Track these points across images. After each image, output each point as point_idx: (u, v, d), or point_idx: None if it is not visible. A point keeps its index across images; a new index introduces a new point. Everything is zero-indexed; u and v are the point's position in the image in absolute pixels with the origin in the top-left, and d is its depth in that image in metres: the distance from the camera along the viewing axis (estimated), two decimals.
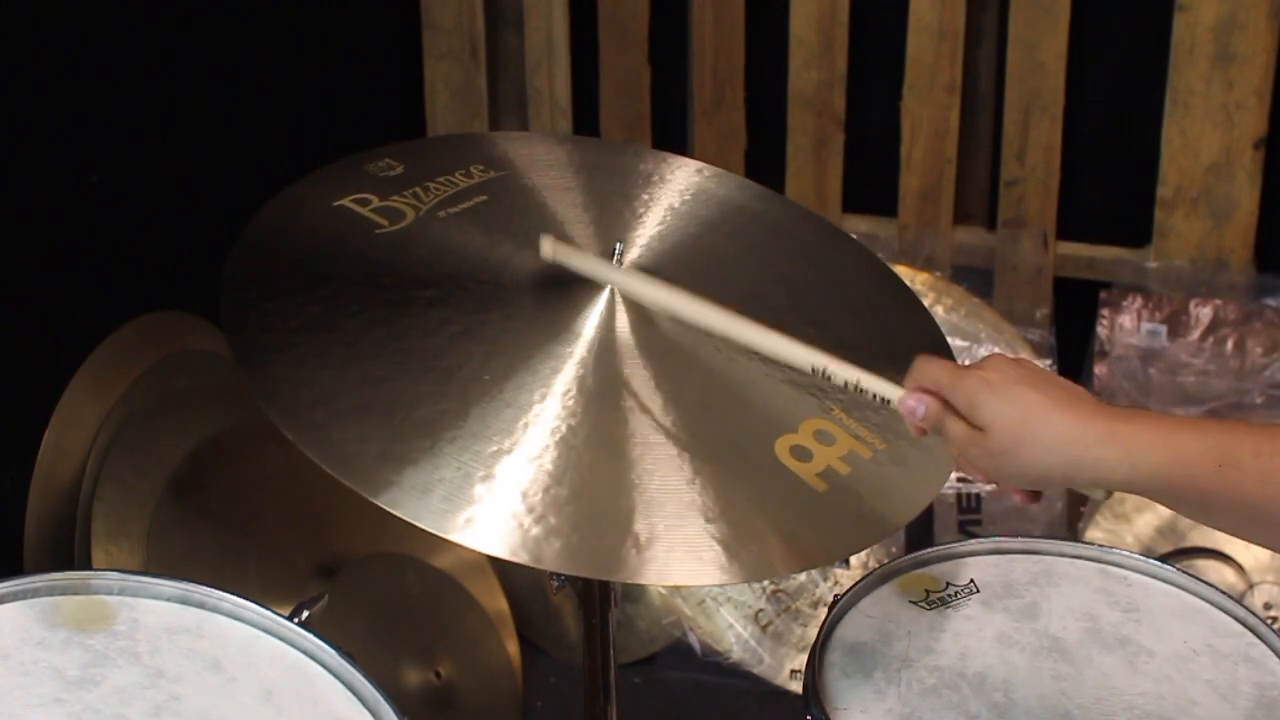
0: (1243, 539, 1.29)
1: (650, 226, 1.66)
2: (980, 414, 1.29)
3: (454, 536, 1.32)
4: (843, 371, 1.38)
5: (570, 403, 1.42)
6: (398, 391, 1.40)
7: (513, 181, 1.68)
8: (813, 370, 1.39)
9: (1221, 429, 1.26)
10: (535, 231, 1.59)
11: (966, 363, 1.36)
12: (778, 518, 1.42)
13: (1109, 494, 1.31)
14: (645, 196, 1.70)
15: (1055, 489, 1.33)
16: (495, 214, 1.62)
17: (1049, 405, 1.28)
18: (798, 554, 1.46)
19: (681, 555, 1.36)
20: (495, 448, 1.37)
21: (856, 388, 1.38)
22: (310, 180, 1.63)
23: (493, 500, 1.34)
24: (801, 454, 1.46)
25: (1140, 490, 1.27)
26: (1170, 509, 1.30)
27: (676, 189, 1.73)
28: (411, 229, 1.57)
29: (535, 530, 1.33)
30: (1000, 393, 1.29)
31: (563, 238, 1.58)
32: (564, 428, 1.40)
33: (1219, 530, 1.30)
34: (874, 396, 1.37)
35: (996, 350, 2.64)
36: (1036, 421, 1.27)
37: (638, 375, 1.46)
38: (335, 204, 1.59)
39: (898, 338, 1.67)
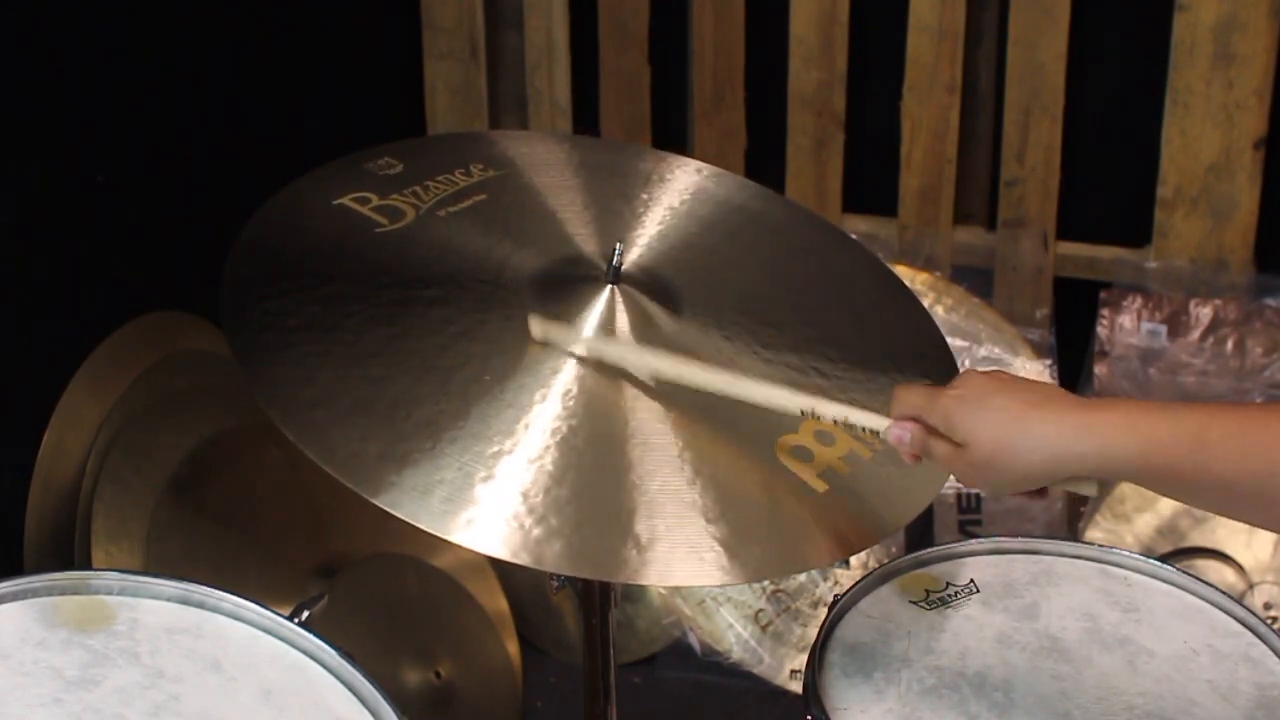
0: (1226, 517, 1.33)
1: (650, 226, 1.66)
2: (957, 431, 1.33)
3: (455, 537, 1.32)
4: (831, 410, 1.41)
5: (570, 403, 1.42)
6: (398, 391, 1.40)
7: (513, 181, 1.68)
8: (801, 413, 1.41)
9: (1193, 412, 1.28)
10: (535, 231, 1.59)
11: (965, 364, 1.37)
12: (778, 518, 1.43)
13: (1105, 490, 1.33)
14: (645, 196, 1.70)
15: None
16: (495, 213, 1.62)
17: (1022, 410, 1.31)
18: (798, 554, 1.47)
19: (682, 556, 1.36)
20: (496, 448, 1.37)
21: (845, 423, 1.40)
22: (310, 179, 1.63)
23: (493, 501, 1.34)
24: (802, 454, 1.46)
25: (1121, 477, 1.31)
26: (1153, 492, 1.33)
27: (676, 189, 1.73)
28: (411, 228, 1.57)
29: (536, 531, 1.33)
30: (974, 407, 1.32)
31: (563, 239, 1.58)
32: (564, 428, 1.40)
33: (1201, 510, 1.33)
34: (864, 430, 1.40)
35: (996, 349, 2.64)
36: (1011, 428, 1.30)
37: (638, 375, 1.46)
38: (335, 202, 1.59)
39: (897, 338, 1.67)
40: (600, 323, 1.49)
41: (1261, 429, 1.25)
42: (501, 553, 1.32)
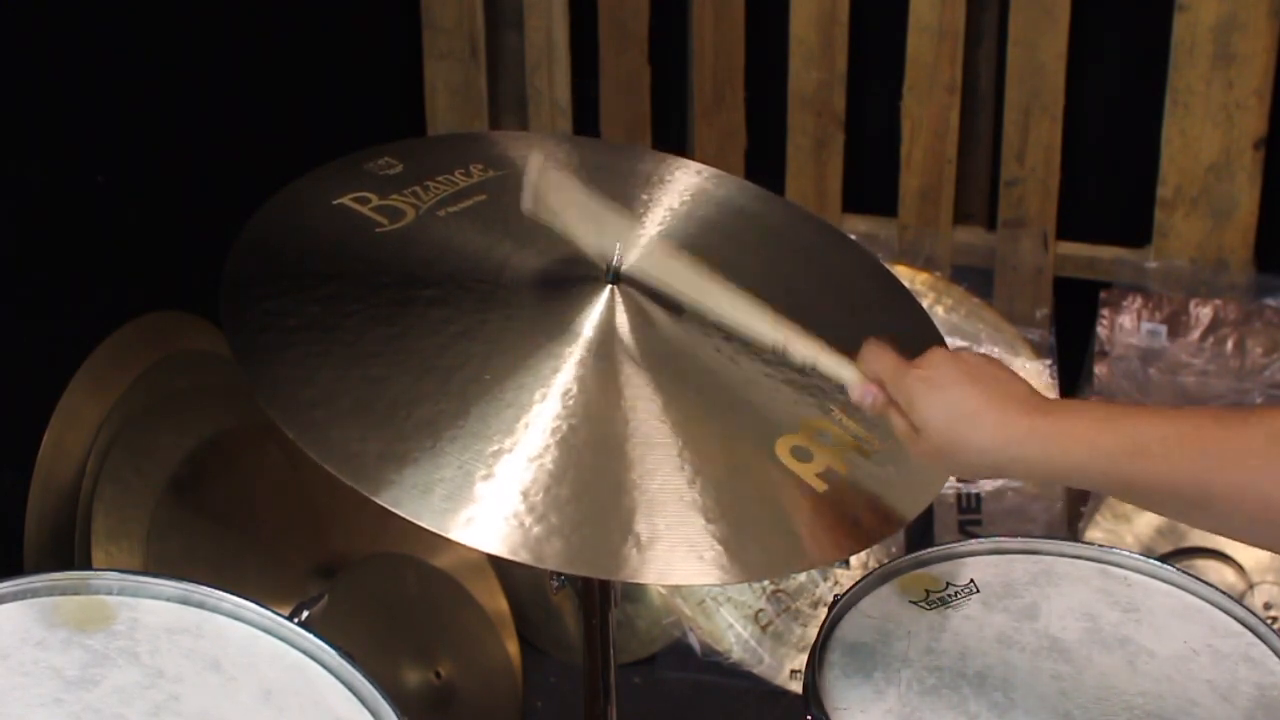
0: (1182, 522, 1.33)
1: (650, 227, 1.66)
2: (915, 413, 1.34)
3: (455, 535, 1.32)
4: (802, 349, 1.41)
5: (570, 403, 1.42)
6: (398, 391, 1.40)
7: (512, 181, 1.68)
8: (774, 348, 1.42)
9: (1132, 418, 1.28)
10: (535, 231, 1.59)
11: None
12: (778, 518, 1.43)
13: None
14: (645, 197, 1.70)
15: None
16: (495, 213, 1.62)
17: (977, 408, 1.31)
18: (798, 554, 1.47)
19: (682, 555, 1.36)
20: (496, 447, 1.37)
21: (813, 366, 1.41)
22: (310, 179, 1.63)
23: (493, 499, 1.34)
24: (801, 454, 1.46)
25: (1068, 483, 1.34)
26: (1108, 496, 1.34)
27: (676, 190, 1.73)
28: (411, 228, 1.58)
29: (536, 530, 1.33)
30: (934, 394, 1.33)
31: (563, 239, 1.58)
32: (564, 427, 1.40)
33: (1160, 515, 1.33)
34: (831, 380, 1.41)
35: (996, 349, 2.64)
36: (962, 425, 1.31)
37: (638, 375, 1.46)
38: (335, 202, 1.59)
39: (895, 338, 1.67)
40: (600, 322, 1.49)
41: (1201, 435, 1.24)
42: (501, 551, 1.32)
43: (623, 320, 1.50)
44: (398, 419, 1.38)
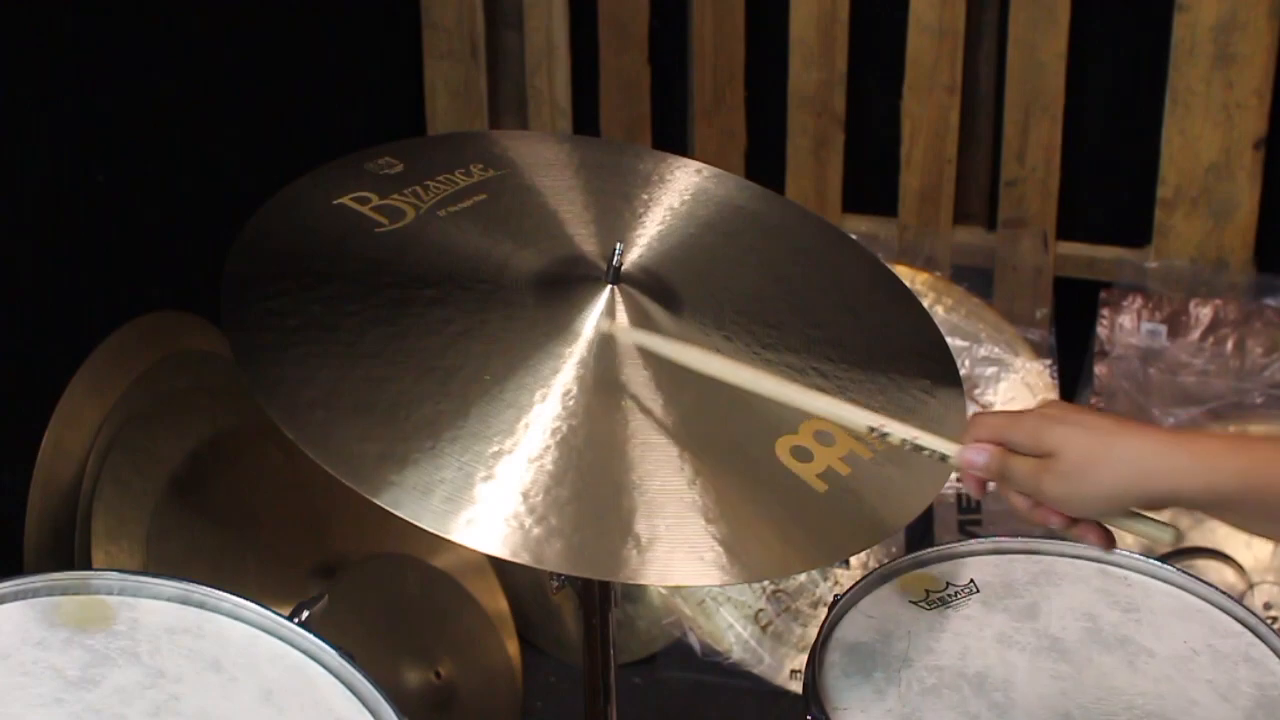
0: None
1: (650, 227, 1.66)
2: (1046, 441, 1.29)
3: (455, 536, 1.32)
4: (900, 430, 1.37)
5: (570, 403, 1.42)
6: (398, 391, 1.40)
7: (513, 181, 1.68)
8: (870, 430, 1.38)
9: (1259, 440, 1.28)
10: (535, 231, 1.58)
11: (965, 364, 1.38)
12: (778, 519, 1.42)
13: (1178, 541, 1.30)
14: (645, 197, 1.70)
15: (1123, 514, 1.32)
16: (495, 213, 1.62)
17: (1114, 425, 1.28)
18: (798, 555, 1.46)
19: (683, 556, 1.36)
20: (496, 448, 1.37)
21: (914, 445, 1.36)
22: (310, 178, 1.63)
23: (494, 500, 1.34)
24: (802, 454, 1.46)
25: (1219, 497, 1.26)
26: (1241, 523, 1.29)
27: (677, 189, 1.73)
28: (411, 227, 1.58)
29: (536, 531, 1.33)
30: (1064, 420, 1.30)
31: (563, 239, 1.58)
32: (564, 428, 1.40)
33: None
34: (930, 453, 1.36)
35: (996, 349, 2.64)
36: (1103, 438, 1.27)
37: (638, 375, 1.46)
38: (335, 202, 1.59)
39: (895, 338, 1.67)
40: (600, 322, 1.49)
41: None
42: (501, 552, 1.32)
43: (623, 319, 1.50)
44: (398, 419, 1.38)
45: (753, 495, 1.43)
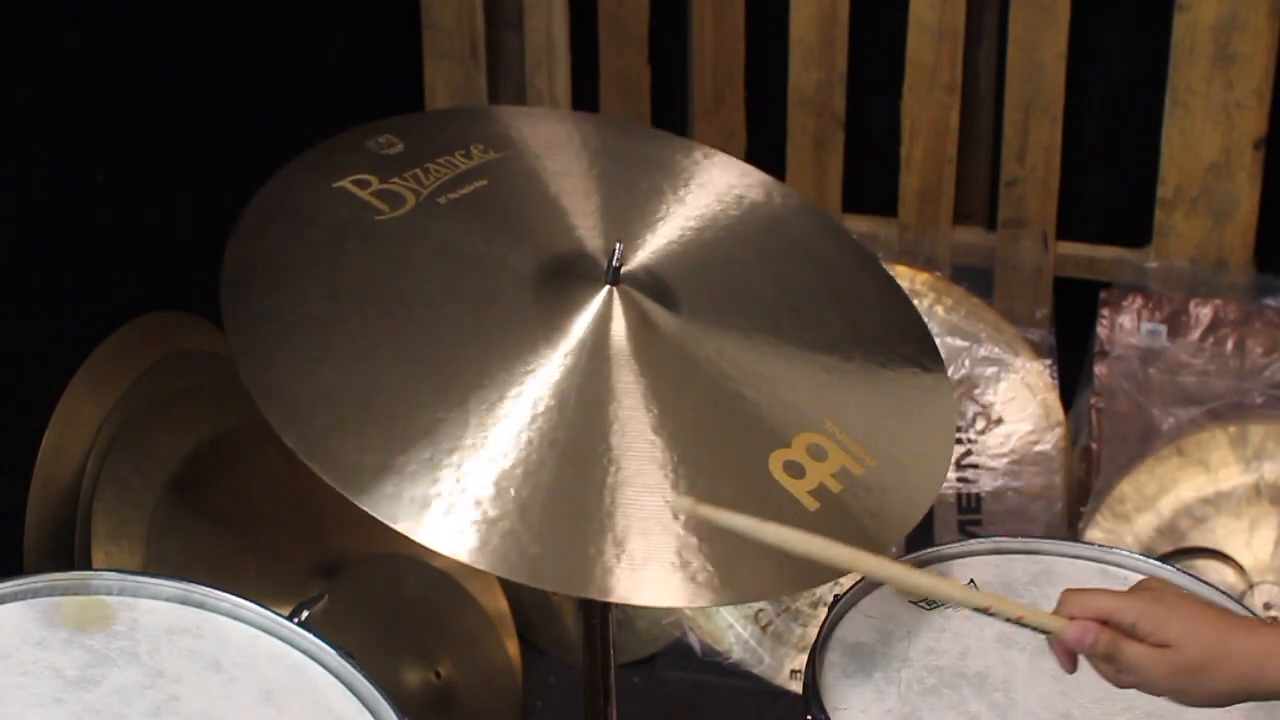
0: None
1: (660, 217, 1.64)
2: (1167, 631, 1.29)
3: (448, 551, 1.32)
4: (1009, 609, 1.35)
5: (567, 416, 1.41)
6: (398, 391, 1.40)
7: (513, 164, 1.66)
8: (979, 609, 1.36)
9: None
10: (536, 221, 1.57)
11: (965, 364, 1.37)
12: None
13: None
14: (665, 189, 1.68)
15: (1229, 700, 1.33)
16: (495, 201, 1.60)
17: (1231, 623, 1.30)
18: (788, 575, 1.43)
19: (673, 574, 1.35)
20: (490, 459, 1.36)
21: (1019, 621, 1.35)
22: (312, 155, 1.61)
23: (486, 515, 1.33)
24: (794, 470, 1.44)
25: None
26: None
27: (682, 175, 1.71)
28: (410, 217, 1.56)
29: (533, 549, 1.32)
30: (1181, 610, 1.30)
31: (564, 230, 1.57)
32: (561, 440, 1.39)
33: None
34: (1035, 629, 1.35)
35: (996, 349, 2.64)
36: (1223, 635, 1.28)
37: (633, 390, 1.45)
38: (335, 185, 1.58)
39: (894, 336, 1.67)
40: (597, 327, 1.48)
41: None
42: (499, 569, 1.32)
43: (619, 325, 1.49)
44: (396, 429, 1.37)
45: (745, 513, 1.40)
